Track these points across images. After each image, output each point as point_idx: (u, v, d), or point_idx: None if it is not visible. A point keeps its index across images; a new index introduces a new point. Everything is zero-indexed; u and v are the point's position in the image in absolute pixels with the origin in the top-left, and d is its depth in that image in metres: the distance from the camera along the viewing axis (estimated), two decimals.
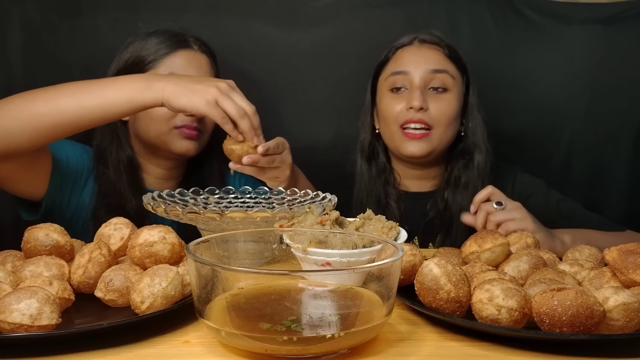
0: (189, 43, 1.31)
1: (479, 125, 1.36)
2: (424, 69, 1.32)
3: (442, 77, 1.32)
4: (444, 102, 1.32)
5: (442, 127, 1.32)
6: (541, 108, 1.65)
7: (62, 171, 1.21)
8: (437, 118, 1.31)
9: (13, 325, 0.58)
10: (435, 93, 1.33)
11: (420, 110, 1.30)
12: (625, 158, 1.65)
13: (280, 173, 1.14)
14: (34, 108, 1.00)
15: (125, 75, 1.10)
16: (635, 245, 0.70)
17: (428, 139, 1.32)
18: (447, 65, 1.34)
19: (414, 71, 1.33)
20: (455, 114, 1.34)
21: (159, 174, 1.35)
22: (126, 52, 1.31)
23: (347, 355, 0.59)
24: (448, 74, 1.33)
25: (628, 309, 0.61)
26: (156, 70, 1.28)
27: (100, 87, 1.02)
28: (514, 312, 0.62)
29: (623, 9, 1.61)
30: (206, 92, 1.00)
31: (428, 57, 1.34)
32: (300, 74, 1.64)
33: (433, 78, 1.32)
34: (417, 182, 1.43)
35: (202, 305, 0.60)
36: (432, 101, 1.32)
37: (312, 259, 0.73)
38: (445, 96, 1.33)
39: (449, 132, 1.34)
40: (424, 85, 1.32)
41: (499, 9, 1.64)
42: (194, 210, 0.85)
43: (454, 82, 1.33)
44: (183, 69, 1.28)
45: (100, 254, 0.73)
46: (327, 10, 1.63)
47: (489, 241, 0.80)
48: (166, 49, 1.29)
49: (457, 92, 1.34)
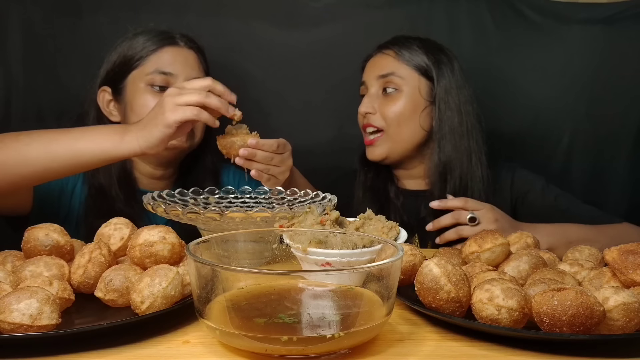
0: (175, 40, 1.31)
1: (449, 117, 1.35)
2: (375, 75, 1.39)
3: (390, 80, 1.37)
4: (394, 102, 1.36)
5: (394, 126, 1.36)
6: (541, 108, 1.66)
7: (44, 185, 1.19)
8: (387, 118, 1.36)
9: (13, 325, 0.58)
10: (387, 95, 1.37)
11: (368, 115, 1.37)
12: (626, 157, 1.65)
13: (279, 174, 1.14)
14: (2, 158, 0.97)
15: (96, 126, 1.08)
16: (635, 245, 0.70)
17: (381, 142, 1.37)
18: (396, 67, 1.37)
19: (368, 79, 1.40)
20: (408, 112, 1.36)
21: (152, 174, 1.35)
22: (114, 53, 1.31)
23: (347, 355, 0.59)
24: (395, 75, 1.36)
25: (628, 309, 0.61)
26: (143, 67, 1.28)
27: (72, 139, 0.99)
28: (514, 312, 0.62)
29: (623, 9, 1.61)
30: (161, 107, 0.97)
31: (378, 64, 1.40)
32: (300, 74, 1.64)
33: (384, 82, 1.38)
34: (412, 181, 1.45)
35: (202, 305, 0.60)
36: (383, 104, 1.37)
37: (312, 259, 0.73)
38: (397, 96, 1.36)
39: (404, 130, 1.36)
40: (376, 91, 1.38)
41: (498, 9, 1.64)
42: (194, 210, 0.85)
43: (403, 81, 1.36)
44: (170, 65, 1.28)
45: (100, 254, 0.73)
46: (327, 11, 1.63)
47: (489, 241, 0.80)
48: (152, 46, 1.29)
49: (410, 90, 1.36)
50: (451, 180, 1.35)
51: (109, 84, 1.32)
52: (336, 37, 1.63)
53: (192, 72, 1.30)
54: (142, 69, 1.28)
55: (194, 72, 1.30)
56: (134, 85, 1.28)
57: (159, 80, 1.26)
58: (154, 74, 1.27)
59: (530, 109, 1.66)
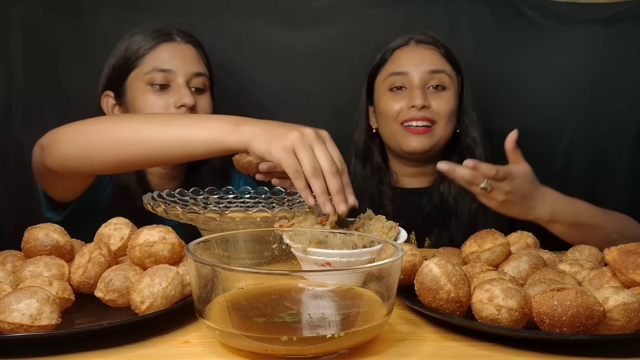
0: (171, 36, 1.31)
1: (474, 122, 1.40)
2: (423, 69, 1.36)
3: (440, 77, 1.36)
4: (444, 98, 1.36)
5: (443, 122, 1.36)
6: (541, 108, 1.66)
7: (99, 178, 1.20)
8: (439, 113, 1.35)
9: (13, 325, 0.58)
10: (435, 91, 1.36)
11: (423, 109, 1.33)
12: (626, 157, 1.65)
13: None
14: (118, 134, 0.96)
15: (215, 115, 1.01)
16: (635, 245, 0.70)
17: (430, 134, 1.35)
18: (444, 65, 1.38)
19: (413, 72, 1.36)
20: (454, 110, 1.37)
21: (161, 174, 1.35)
22: (112, 57, 1.31)
23: (347, 355, 0.59)
24: (445, 73, 1.36)
25: (628, 309, 0.61)
26: (142, 67, 1.27)
27: (186, 123, 0.95)
28: (514, 312, 0.62)
29: (623, 9, 1.61)
30: (285, 136, 0.85)
31: (425, 58, 1.37)
32: (300, 73, 1.64)
33: (432, 78, 1.36)
34: (415, 179, 1.45)
35: (202, 305, 0.60)
36: (433, 98, 1.35)
37: (312, 259, 0.73)
38: (445, 94, 1.36)
39: (449, 127, 1.37)
40: (423, 85, 1.35)
41: (499, 9, 1.64)
42: (193, 210, 0.85)
43: (451, 81, 1.37)
44: (168, 62, 1.27)
45: (100, 254, 0.73)
46: (328, 11, 1.63)
47: (489, 241, 0.80)
48: (148, 45, 1.28)
49: (454, 90, 1.38)
50: None
51: (111, 88, 1.31)
52: (337, 37, 1.63)
53: (193, 66, 1.30)
54: (141, 68, 1.28)
55: (193, 67, 1.30)
56: (134, 86, 1.28)
57: (158, 79, 1.26)
58: (153, 72, 1.26)
59: (531, 109, 1.66)
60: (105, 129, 0.98)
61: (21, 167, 1.54)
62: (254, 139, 0.88)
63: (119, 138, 0.95)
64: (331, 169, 0.83)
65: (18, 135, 1.54)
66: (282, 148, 0.84)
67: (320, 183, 0.83)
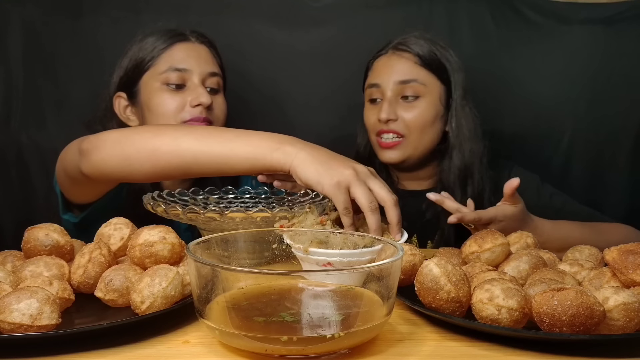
0: (186, 36, 1.31)
1: (466, 122, 1.36)
2: (394, 80, 1.34)
3: (412, 87, 1.34)
4: (415, 109, 1.34)
5: (415, 133, 1.34)
6: (541, 108, 1.66)
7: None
8: (409, 126, 1.34)
9: (13, 325, 0.58)
10: (407, 102, 1.34)
11: (390, 121, 1.33)
12: (626, 158, 1.65)
13: None
14: (158, 143, 0.95)
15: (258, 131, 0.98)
16: (635, 245, 0.70)
17: (401, 147, 1.35)
18: (417, 74, 1.34)
19: (384, 83, 1.35)
20: (430, 119, 1.35)
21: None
22: (125, 58, 1.31)
23: (347, 355, 0.59)
24: (418, 82, 1.34)
25: (628, 309, 0.61)
26: (156, 67, 1.27)
27: (228, 138, 0.94)
28: (514, 312, 0.62)
29: (623, 9, 1.61)
30: (341, 172, 0.86)
31: (397, 68, 1.35)
32: (300, 73, 1.64)
33: (404, 88, 1.34)
34: (414, 182, 1.45)
35: (202, 305, 0.60)
36: (404, 110, 1.34)
37: (314, 259, 0.73)
38: (417, 103, 1.34)
39: (425, 137, 1.36)
40: (394, 97, 1.34)
41: (498, 9, 1.64)
42: (194, 210, 0.85)
43: (426, 89, 1.34)
44: (183, 61, 1.27)
45: (100, 254, 0.73)
46: (327, 11, 1.63)
47: (489, 241, 0.80)
48: (163, 45, 1.28)
49: (432, 97, 1.35)
50: (472, 184, 1.35)
51: (124, 89, 1.31)
52: (336, 37, 1.63)
53: (207, 66, 1.30)
54: (155, 68, 1.27)
55: (208, 67, 1.30)
56: (148, 86, 1.28)
57: (174, 78, 1.26)
58: (168, 72, 1.26)
59: (530, 109, 1.66)
60: (145, 138, 0.96)
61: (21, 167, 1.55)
62: (301, 165, 0.87)
63: (159, 147, 0.94)
64: (392, 201, 0.86)
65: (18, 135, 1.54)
66: (335, 184, 0.85)
67: (377, 218, 0.85)
